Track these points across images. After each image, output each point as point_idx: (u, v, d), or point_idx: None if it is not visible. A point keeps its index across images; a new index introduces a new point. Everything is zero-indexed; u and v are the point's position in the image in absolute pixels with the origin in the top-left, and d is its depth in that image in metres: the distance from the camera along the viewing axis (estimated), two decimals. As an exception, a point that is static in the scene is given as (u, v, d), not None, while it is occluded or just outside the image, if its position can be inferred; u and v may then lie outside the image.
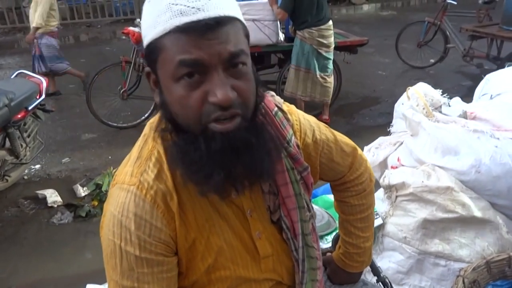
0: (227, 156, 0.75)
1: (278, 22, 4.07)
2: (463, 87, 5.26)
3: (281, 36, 4.23)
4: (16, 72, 3.30)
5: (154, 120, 0.87)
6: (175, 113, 0.77)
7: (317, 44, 3.91)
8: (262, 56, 4.49)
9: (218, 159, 0.75)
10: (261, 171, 0.80)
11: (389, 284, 1.34)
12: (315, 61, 3.95)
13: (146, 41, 0.77)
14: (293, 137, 0.94)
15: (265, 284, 0.94)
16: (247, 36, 0.80)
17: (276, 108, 0.93)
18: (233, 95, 0.73)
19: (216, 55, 0.72)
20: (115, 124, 4.33)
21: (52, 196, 3.12)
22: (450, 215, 1.68)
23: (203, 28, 0.71)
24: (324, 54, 3.98)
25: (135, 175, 0.81)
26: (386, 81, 5.64)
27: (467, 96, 2.70)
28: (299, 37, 3.93)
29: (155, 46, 0.75)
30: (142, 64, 4.07)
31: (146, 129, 0.89)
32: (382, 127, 3.44)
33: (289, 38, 4.23)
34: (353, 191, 1.14)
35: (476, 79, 3.57)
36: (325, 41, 3.94)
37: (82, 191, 3.20)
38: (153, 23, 0.74)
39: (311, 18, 3.84)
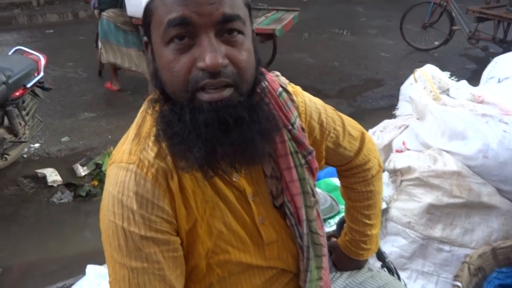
0: (213, 130, 0.69)
1: None
2: (468, 70, 5.19)
3: None
4: (14, 49, 3.21)
5: (152, 95, 0.82)
6: (163, 80, 0.74)
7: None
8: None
9: (203, 132, 0.69)
10: (251, 153, 0.73)
11: (394, 269, 1.32)
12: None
13: (143, 6, 0.75)
14: (297, 119, 0.90)
15: (269, 272, 0.91)
16: (247, 5, 0.75)
17: (280, 89, 0.89)
18: (224, 61, 0.68)
19: (206, 15, 0.67)
20: None
21: (52, 175, 3.10)
22: (456, 200, 1.67)
23: None
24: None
25: (134, 153, 0.77)
26: (389, 63, 5.56)
27: (472, 79, 2.65)
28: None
29: (149, 8, 0.73)
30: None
31: (145, 105, 0.84)
32: (385, 110, 3.40)
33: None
34: (360, 177, 1.11)
35: (481, 62, 3.52)
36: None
37: (82, 171, 3.18)
38: None
39: None
